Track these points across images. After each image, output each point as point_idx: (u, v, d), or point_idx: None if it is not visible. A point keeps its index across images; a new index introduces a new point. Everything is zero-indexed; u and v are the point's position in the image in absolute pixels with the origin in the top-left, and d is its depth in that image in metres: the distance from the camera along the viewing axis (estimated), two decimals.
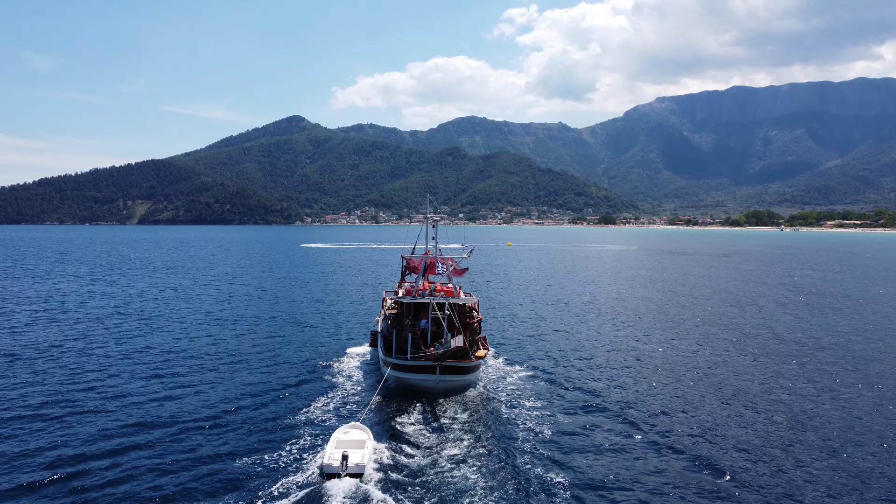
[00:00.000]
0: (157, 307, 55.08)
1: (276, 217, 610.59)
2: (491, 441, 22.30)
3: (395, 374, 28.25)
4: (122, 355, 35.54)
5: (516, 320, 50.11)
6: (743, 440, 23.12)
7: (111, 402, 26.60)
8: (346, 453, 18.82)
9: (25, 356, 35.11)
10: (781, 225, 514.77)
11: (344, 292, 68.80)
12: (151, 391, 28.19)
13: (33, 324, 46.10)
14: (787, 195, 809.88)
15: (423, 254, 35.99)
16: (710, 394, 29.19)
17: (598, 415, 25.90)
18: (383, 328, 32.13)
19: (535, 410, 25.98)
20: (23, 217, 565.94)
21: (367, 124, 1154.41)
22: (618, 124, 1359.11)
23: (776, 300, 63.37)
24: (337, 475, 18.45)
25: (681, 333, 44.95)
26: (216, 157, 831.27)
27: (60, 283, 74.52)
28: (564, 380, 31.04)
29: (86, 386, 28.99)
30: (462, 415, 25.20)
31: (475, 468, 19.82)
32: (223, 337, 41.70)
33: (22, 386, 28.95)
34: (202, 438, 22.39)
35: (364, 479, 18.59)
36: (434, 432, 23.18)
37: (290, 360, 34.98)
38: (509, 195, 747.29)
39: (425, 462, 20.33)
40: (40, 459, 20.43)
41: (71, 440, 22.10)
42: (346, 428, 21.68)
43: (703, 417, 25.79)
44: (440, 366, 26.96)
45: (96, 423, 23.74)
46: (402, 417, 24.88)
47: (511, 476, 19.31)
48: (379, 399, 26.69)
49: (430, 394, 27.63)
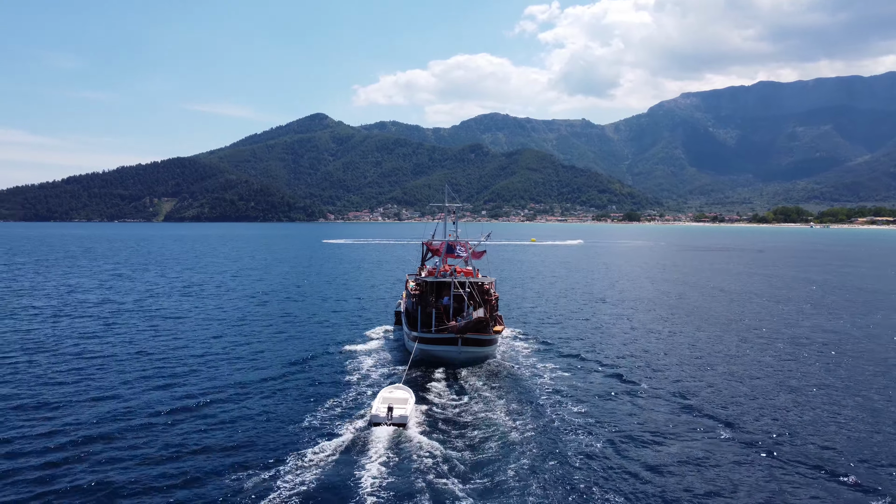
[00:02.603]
0: (211, 293, 59.68)
1: (299, 214, 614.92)
2: (512, 402, 24.85)
3: (420, 346, 30.20)
4: (193, 334, 38.93)
5: (532, 303, 51.49)
6: (737, 398, 23.34)
7: (189, 374, 29.24)
8: (391, 406, 21.72)
9: (113, 341, 37.60)
10: (811, 222, 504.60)
11: (367, 282, 71.20)
12: (217, 362, 31.45)
13: (113, 312, 48.81)
14: (815, 192, 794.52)
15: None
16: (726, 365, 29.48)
17: (612, 380, 28.75)
18: (408, 306, 34.66)
19: (549, 376, 28.72)
20: (52, 214, 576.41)
21: (390, 122, 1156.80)
22: (641, 120, 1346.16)
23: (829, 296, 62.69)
24: (383, 424, 21.13)
25: (705, 320, 45.01)
26: (240, 155, 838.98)
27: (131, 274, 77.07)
28: (576, 351, 34.19)
29: (167, 357, 32.55)
30: (485, 381, 27.73)
31: (500, 424, 22.26)
32: (258, 319, 44.47)
33: (104, 361, 31.33)
34: (266, 398, 25.45)
35: (406, 428, 21.22)
36: (461, 394, 25.97)
37: (326, 338, 37.71)
38: (532, 192, 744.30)
39: (456, 418, 23.10)
40: (138, 420, 22.74)
41: (164, 398, 25.48)
42: (391, 388, 24.22)
43: (712, 379, 26.46)
44: (462, 338, 29.51)
45: (180, 389, 26.76)
46: (433, 383, 27.51)
47: (532, 431, 21.69)
48: (411, 368, 28.66)
49: (453, 364, 30.09)
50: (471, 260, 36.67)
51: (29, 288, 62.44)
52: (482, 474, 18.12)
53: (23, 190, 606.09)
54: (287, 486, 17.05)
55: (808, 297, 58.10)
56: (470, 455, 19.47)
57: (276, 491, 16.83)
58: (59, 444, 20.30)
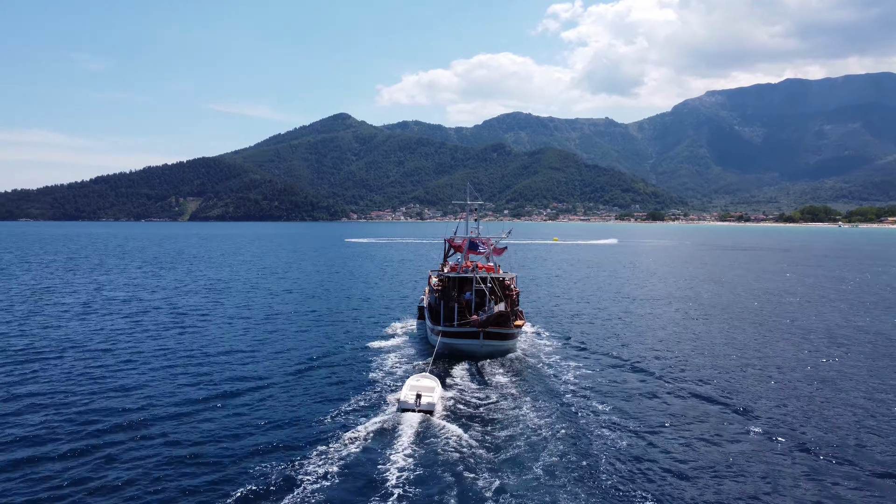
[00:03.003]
0: (239, 290, 60.58)
1: (322, 214, 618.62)
2: (533, 392, 25.63)
3: (443, 340, 31.01)
4: (221, 329, 39.56)
5: (555, 301, 51.29)
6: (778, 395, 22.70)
7: (219, 364, 30.29)
8: (419, 393, 22.59)
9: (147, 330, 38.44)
10: (839, 221, 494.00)
11: (390, 279, 71.76)
12: (248, 353, 32.61)
13: (149, 305, 50.10)
14: (844, 190, 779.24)
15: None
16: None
17: (628, 372, 29.28)
18: (431, 301, 35.46)
19: (569, 370, 29.19)
20: (80, 214, 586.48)
21: (413, 121, 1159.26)
22: (666, 119, 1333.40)
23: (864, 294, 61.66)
24: (412, 410, 22.03)
25: (737, 316, 44.28)
26: (264, 155, 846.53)
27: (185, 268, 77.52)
28: (595, 346, 34.76)
29: (194, 349, 33.75)
30: (507, 374, 28.42)
31: (523, 415, 22.75)
32: (285, 314, 45.14)
33: (151, 348, 32.20)
34: (297, 387, 26.40)
35: (433, 415, 22.03)
36: (483, 385, 26.75)
37: (352, 332, 38.51)
38: (554, 191, 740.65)
39: (481, 408, 23.71)
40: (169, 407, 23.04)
41: (199, 387, 26.42)
42: (417, 376, 25.03)
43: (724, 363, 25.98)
44: (483, 332, 30.41)
45: (216, 375, 28.29)
46: (457, 374, 28.36)
47: (553, 419, 22.30)
48: (436, 360, 29.54)
49: (475, 357, 30.81)
50: (492, 256, 37.53)
51: (61, 286, 63.46)
52: (507, 462, 18.65)
53: (52, 190, 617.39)
54: (320, 467, 18.02)
55: (843, 297, 57.06)
56: (494, 442, 20.18)
57: (311, 469, 17.89)
58: (90, 433, 20.64)
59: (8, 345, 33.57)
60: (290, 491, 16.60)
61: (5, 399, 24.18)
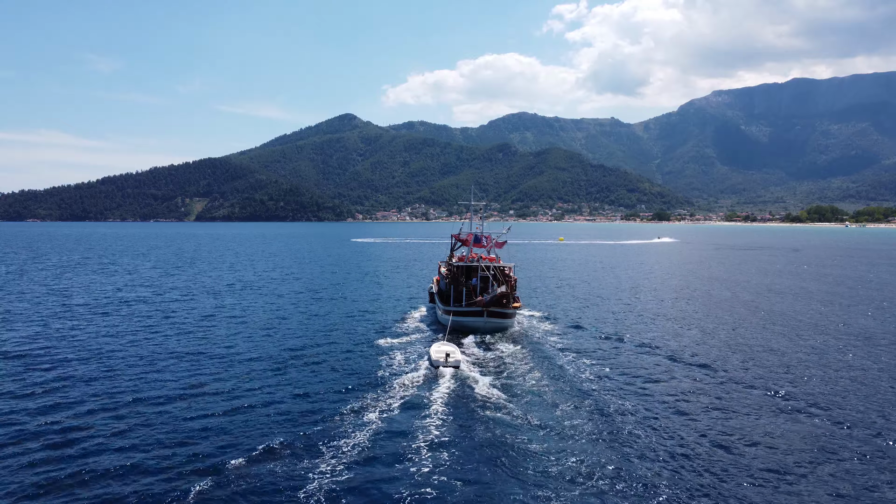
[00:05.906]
0: (264, 286, 63.14)
1: (328, 214, 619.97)
2: (530, 355, 31.44)
3: (454, 318, 36.33)
4: (258, 318, 42.94)
5: (556, 291, 50.85)
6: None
7: (265, 348, 33.55)
8: (447, 352, 28.20)
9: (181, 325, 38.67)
10: (846, 221, 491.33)
11: (398, 275, 74.00)
12: (281, 344, 34.49)
13: (193, 297, 51.93)
14: (851, 190, 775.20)
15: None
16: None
17: (617, 344, 34.56)
18: (442, 286, 41.46)
19: (560, 341, 35.01)
20: (87, 214, 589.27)
21: (418, 121, 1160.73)
22: (672, 119, 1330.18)
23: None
24: (443, 366, 27.44)
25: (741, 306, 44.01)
26: (270, 156, 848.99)
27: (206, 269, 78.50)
28: (585, 324, 40.64)
29: (237, 331, 37.97)
30: (507, 343, 34.20)
31: (524, 368, 28.75)
32: (305, 305, 48.70)
33: (168, 344, 32.55)
34: (332, 361, 30.20)
35: (459, 368, 27.58)
36: (489, 351, 32.43)
37: (371, 318, 43.15)
38: (560, 191, 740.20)
39: (491, 363, 29.65)
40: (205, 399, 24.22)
41: (244, 365, 29.48)
42: (439, 344, 30.60)
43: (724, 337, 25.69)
44: (487, 311, 36.18)
45: (259, 351, 32.55)
46: (467, 343, 33.95)
47: (545, 371, 28.13)
48: (448, 334, 34.65)
49: (480, 332, 36.39)
50: (493, 249, 42.60)
51: (86, 285, 63.55)
52: (520, 400, 24.02)
53: (59, 190, 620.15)
54: (385, 403, 23.32)
55: (859, 295, 56.59)
56: (508, 385, 26.04)
57: (378, 405, 23.10)
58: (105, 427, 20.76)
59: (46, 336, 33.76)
60: (370, 415, 21.87)
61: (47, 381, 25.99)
